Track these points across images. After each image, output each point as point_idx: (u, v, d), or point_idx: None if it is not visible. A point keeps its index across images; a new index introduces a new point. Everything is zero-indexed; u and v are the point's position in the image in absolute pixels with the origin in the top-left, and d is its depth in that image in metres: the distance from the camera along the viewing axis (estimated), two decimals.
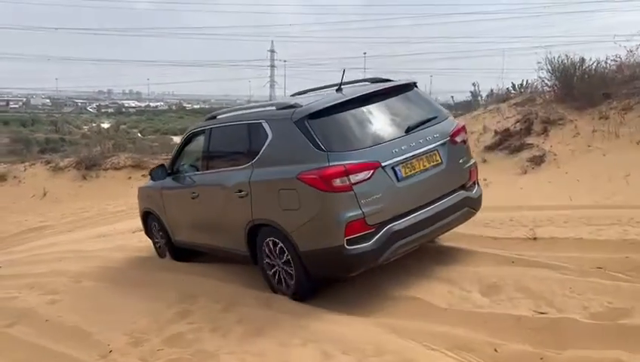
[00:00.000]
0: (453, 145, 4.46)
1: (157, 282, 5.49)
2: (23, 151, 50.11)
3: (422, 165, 4.22)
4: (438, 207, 4.29)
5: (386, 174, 4.01)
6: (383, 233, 3.97)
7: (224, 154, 5.16)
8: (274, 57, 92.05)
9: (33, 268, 8.30)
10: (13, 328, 5.05)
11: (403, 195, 4.09)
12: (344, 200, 3.85)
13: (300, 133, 4.09)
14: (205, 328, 4.08)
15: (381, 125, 4.30)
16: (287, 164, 4.15)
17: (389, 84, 4.70)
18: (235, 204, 4.63)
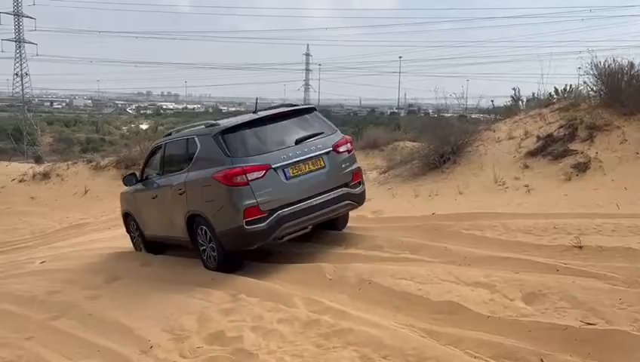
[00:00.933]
0: (337, 154, 5.80)
1: (198, 279, 5.54)
2: (65, 150, 51.82)
3: (307, 168, 5.56)
4: (320, 199, 5.56)
5: (276, 174, 5.35)
6: (274, 217, 5.30)
7: (173, 162, 6.53)
8: (309, 60, 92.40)
9: (75, 263, 8.54)
10: (59, 321, 5.20)
11: (290, 190, 5.40)
12: (243, 192, 5.21)
13: (215, 144, 5.53)
14: (245, 326, 4.09)
15: (277, 138, 5.65)
16: (207, 168, 5.55)
17: (290, 108, 6.14)
18: (177, 200, 6.05)
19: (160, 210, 6.69)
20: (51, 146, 61.89)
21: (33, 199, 19.59)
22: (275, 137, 5.68)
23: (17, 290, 6.92)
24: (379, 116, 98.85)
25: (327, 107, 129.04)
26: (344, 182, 5.84)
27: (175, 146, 6.57)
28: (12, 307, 6.05)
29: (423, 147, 9.01)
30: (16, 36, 69.00)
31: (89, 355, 4.25)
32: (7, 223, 17.81)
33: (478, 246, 5.16)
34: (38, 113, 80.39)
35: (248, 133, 5.64)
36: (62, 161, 24.43)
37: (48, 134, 69.76)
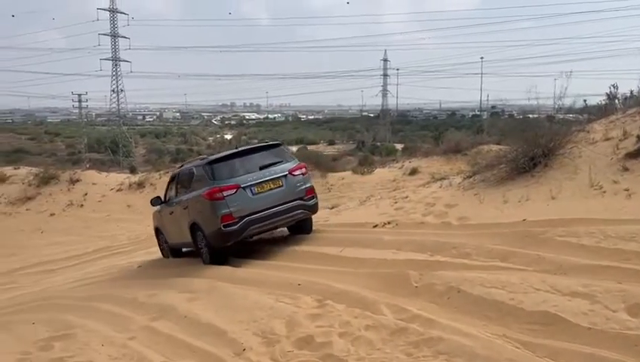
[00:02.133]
0: (292, 176, 7.79)
1: (288, 284, 5.69)
2: (157, 160, 54.95)
3: (269, 186, 7.56)
4: (279, 209, 7.54)
5: (244, 191, 7.38)
6: (243, 222, 7.34)
7: (182, 186, 8.58)
8: (387, 66, 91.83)
9: (171, 267, 9.04)
10: (157, 322, 5.53)
11: (255, 202, 7.41)
12: (220, 204, 7.28)
13: (204, 172, 7.73)
14: (333, 332, 4.15)
15: (247, 166, 7.68)
16: (200, 188, 7.67)
17: (262, 145, 8.61)
18: (184, 213, 8.20)
19: (175, 223, 8.72)
20: (144, 157, 65.91)
21: (129, 207, 20.98)
22: (245, 165, 7.74)
23: (119, 293, 7.44)
24: (460, 119, 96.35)
25: (405, 112, 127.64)
26: (299, 197, 7.83)
27: (184, 175, 8.69)
28: (115, 308, 6.51)
29: (511, 150, 8.65)
30: (113, 55, 74.33)
31: (186, 356, 4.49)
32: (107, 230, 19.19)
33: (575, 254, 4.88)
34: (132, 126, 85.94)
35: (227, 163, 7.81)
36: (154, 171, 25.98)
37: (141, 146, 74.41)
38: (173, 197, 8.93)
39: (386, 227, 7.54)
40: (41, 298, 9.49)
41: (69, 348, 5.19)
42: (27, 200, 22.50)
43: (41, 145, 75.40)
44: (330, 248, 7.03)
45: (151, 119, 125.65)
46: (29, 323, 6.86)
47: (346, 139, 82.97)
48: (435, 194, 8.78)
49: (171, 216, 8.86)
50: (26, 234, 19.96)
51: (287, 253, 7.59)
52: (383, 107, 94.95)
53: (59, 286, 10.78)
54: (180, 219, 8.33)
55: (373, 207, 9.72)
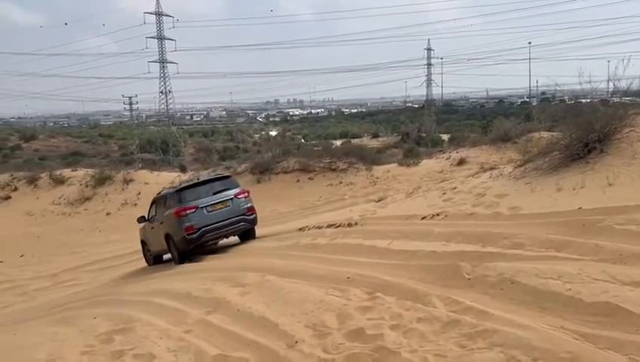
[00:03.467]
0: (237, 198, 10.55)
1: (337, 277, 5.71)
2: (205, 159, 56.16)
3: (219, 206, 10.33)
4: (226, 223, 10.32)
5: (201, 210, 10.12)
6: (200, 232, 10.07)
7: (159, 207, 11.36)
8: (430, 55, 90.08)
9: (221, 262, 9.26)
10: (212, 315, 5.68)
11: (209, 218, 10.15)
12: (184, 219, 10.05)
13: (174, 196, 10.63)
14: (384, 325, 4.14)
15: (204, 192, 10.50)
16: (171, 208, 10.41)
17: (216, 176, 11.77)
18: (160, 227, 10.99)
19: (156, 235, 11.42)
20: (193, 156, 67.46)
21: None
22: (203, 192, 10.62)
23: (173, 287, 7.67)
24: (508, 107, 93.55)
25: (451, 101, 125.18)
26: (242, 213, 10.62)
27: (161, 198, 11.52)
28: (172, 302, 6.72)
29: (563, 136, 8.33)
30: (160, 57, 76.33)
31: (240, 348, 4.59)
32: None
33: (636, 243, 4.67)
34: (180, 126, 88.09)
35: (190, 190, 10.76)
36: (203, 169, 26.60)
37: (190, 145, 76.18)
38: (153, 216, 11.72)
39: (435, 219, 7.44)
40: (102, 293, 9.93)
41: (129, 341, 5.40)
42: (85, 201, 23.52)
43: (95, 147, 78.48)
44: (378, 241, 7.00)
45: (198, 118, 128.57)
46: (90, 317, 7.19)
47: (390, 132, 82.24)
48: (485, 185, 8.59)
49: (152, 230, 11.69)
50: (85, 233, 20.89)
51: (334, 246, 7.63)
52: (428, 97, 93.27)
53: (118, 281, 11.24)
54: (159, 231, 11.18)
55: (420, 199, 9.61)
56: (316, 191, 19.51)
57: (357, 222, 8.78)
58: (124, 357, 4.93)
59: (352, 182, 19.56)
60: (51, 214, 23.26)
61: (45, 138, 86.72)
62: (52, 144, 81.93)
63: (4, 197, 26.20)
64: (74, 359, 5.26)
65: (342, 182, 19.82)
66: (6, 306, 13.98)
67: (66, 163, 41.34)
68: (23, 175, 27.88)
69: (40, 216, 23.41)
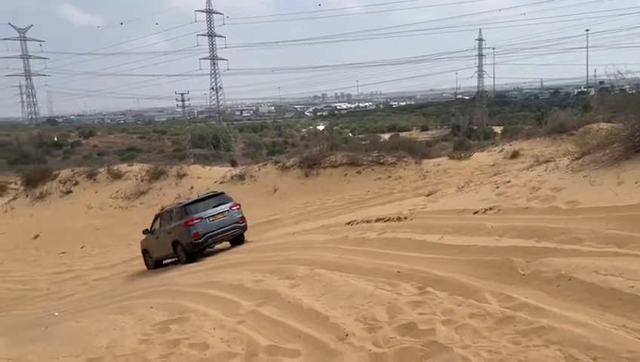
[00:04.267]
0: (231, 210, 13.25)
1: (386, 271, 5.69)
2: (255, 153, 57.02)
3: (219, 217, 13.02)
4: (224, 229, 13.04)
5: (205, 220, 12.82)
6: (204, 237, 12.80)
7: (164, 221, 13.99)
8: (482, 46, 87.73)
9: (272, 255, 9.39)
10: (263, 307, 5.78)
11: (211, 226, 12.85)
12: (191, 228, 12.70)
13: (181, 211, 13.35)
14: (436, 320, 4.09)
15: (206, 206, 13.18)
16: (179, 220, 13.11)
17: (213, 193, 14.40)
18: (168, 236, 13.49)
19: (161, 243, 13.96)
20: (243, 151, 68.64)
21: None
22: (205, 205, 13.23)
23: (226, 279, 7.85)
24: (564, 97, 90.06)
25: (503, 92, 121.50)
26: (236, 222, 13.31)
27: (166, 214, 14.41)
28: (224, 294, 6.88)
29: (625, 127, 7.95)
30: (211, 54, 78.05)
31: (292, 340, 4.65)
32: None
33: None
34: (231, 122, 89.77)
35: (194, 205, 13.39)
36: (253, 164, 27.04)
37: (240, 140, 77.53)
38: (157, 229, 14.32)
39: (488, 213, 7.27)
40: (157, 284, 10.29)
41: (185, 331, 5.58)
42: (141, 195, 24.41)
43: (150, 143, 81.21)
44: (428, 235, 6.92)
45: (248, 114, 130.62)
46: (147, 307, 7.47)
47: (439, 124, 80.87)
48: (540, 178, 8.31)
49: (157, 240, 14.16)
50: (140, 227, 21.65)
51: (383, 240, 7.59)
52: (479, 89, 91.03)
53: (171, 273, 11.63)
54: (165, 240, 13.70)
55: (472, 193, 9.42)
56: (364, 186, 19.46)
57: (406, 217, 8.71)
58: (180, 346, 5.09)
59: (401, 176, 19.39)
60: (109, 207, 24.29)
61: (103, 134, 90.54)
62: (109, 140, 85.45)
63: (66, 191, 27.59)
64: (133, 347, 5.48)
65: (390, 176, 19.68)
66: (69, 295, 14.73)
67: (123, 158, 43.02)
68: (83, 170, 29.26)
69: (99, 209, 24.49)
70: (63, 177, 29.01)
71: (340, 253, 7.60)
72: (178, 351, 4.99)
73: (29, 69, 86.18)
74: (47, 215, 25.62)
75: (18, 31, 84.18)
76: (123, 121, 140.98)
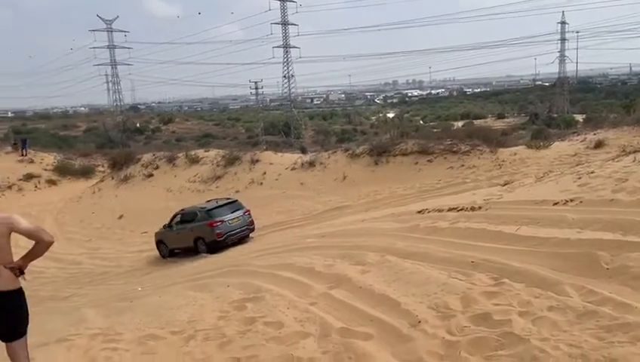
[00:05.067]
0: (245, 214, 16.67)
1: (460, 261, 5.62)
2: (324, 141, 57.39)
3: (235, 221, 16.25)
4: (239, 230, 16.31)
5: (225, 222, 15.98)
6: (225, 236, 15.91)
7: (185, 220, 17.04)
8: (564, 29, 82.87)
9: (342, 241, 9.50)
10: (334, 290, 5.89)
11: (230, 227, 16.05)
12: (215, 228, 15.87)
13: (206, 214, 16.37)
14: (512, 311, 4.01)
15: (226, 210, 16.48)
16: (203, 221, 16.28)
17: (230, 200, 17.57)
18: (190, 233, 16.64)
19: (181, 237, 16.92)
20: (312, 138, 69.30)
21: (302, 184, 22.39)
22: (225, 210, 16.27)
23: (298, 262, 8.04)
24: None
25: (587, 79, 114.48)
26: (247, 224, 16.48)
27: (187, 214, 17.07)
28: (296, 276, 7.06)
29: None
30: (284, 43, 79.06)
31: (363, 323, 4.72)
32: (283, 206, 20.75)
33: None
34: (301, 109, 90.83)
35: (216, 209, 16.36)
36: (323, 151, 27.28)
37: (310, 128, 78.32)
38: (175, 225, 17.23)
39: (569, 205, 6.96)
40: (232, 264, 10.72)
41: (260, 310, 5.80)
42: (216, 179, 25.35)
43: (224, 130, 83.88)
44: (504, 226, 6.73)
45: (318, 102, 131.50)
46: (224, 285, 7.81)
47: (516, 112, 77.64)
48: (628, 169, 7.83)
49: (177, 234, 17.03)
50: None
51: (456, 230, 7.47)
52: (560, 75, 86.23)
53: (246, 254, 12.05)
54: (187, 235, 16.63)
55: (552, 184, 9.03)
56: (436, 174, 19.13)
57: (481, 206, 8.50)
58: (256, 324, 5.31)
59: (475, 165, 18.87)
60: (187, 191, 25.43)
61: (181, 121, 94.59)
62: (187, 127, 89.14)
63: (148, 175, 29.15)
64: (212, 322, 5.77)
65: (463, 165, 19.21)
66: (149, 273, 15.64)
67: (199, 144, 44.73)
68: (163, 154, 30.76)
69: (178, 192, 25.70)
70: (145, 161, 30.68)
71: (410, 241, 7.56)
72: (254, 328, 5.20)
73: (114, 58, 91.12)
74: (131, 196, 27.26)
75: (105, 22, 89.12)
76: (199, 108, 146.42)
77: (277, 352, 4.49)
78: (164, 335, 5.66)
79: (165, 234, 17.62)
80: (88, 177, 36.67)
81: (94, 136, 79.84)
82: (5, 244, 3.95)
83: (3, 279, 3.94)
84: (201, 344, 5.16)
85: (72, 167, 38.20)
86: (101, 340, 6.11)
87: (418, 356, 3.80)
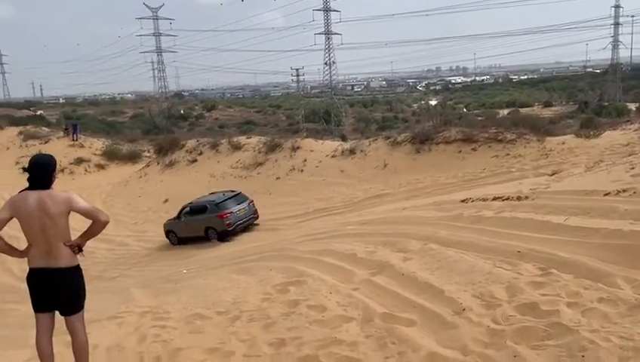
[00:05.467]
0: (249, 205, 18.49)
1: (505, 251, 5.53)
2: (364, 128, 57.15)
3: (242, 211, 18.03)
4: (246, 219, 18.13)
5: (233, 213, 17.71)
6: (234, 225, 17.66)
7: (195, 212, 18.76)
8: (619, 13, 79.16)
9: (383, 228, 9.49)
10: (377, 277, 5.92)
11: (238, 217, 17.81)
12: (224, 219, 17.52)
13: (216, 207, 18.00)
14: (560, 301, 3.94)
15: (233, 202, 18.18)
16: (213, 213, 17.87)
17: (235, 192, 19.11)
18: (201, 223, 18.21)
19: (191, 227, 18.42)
20: (352, 126, 69.07)
21: (343, 172, 22.38)
22: (232, 202, 18.04)
23: (339, 249, 8.09)
24: None
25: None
26: (252, 214, 18.31)
27: (196, 206, 18.72)
28: (338, 262, 7.12)
29: None
30: (326, 29, 78.81)
31: (406, 310, 4.74)
32: (324, 193, 20.83)
33: None
34: (342, 97, 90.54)
35: (224, 202, 17.98)
36: (363, 138, 27.16)
37: (350, 115, 78.04)
38: (184, 216, 18.82)
39: (621, 195, 6.72)
40: (274, 249, 10.89)
41: (303, 293, 5.90)
42: (258, 166, 25.64)
43: (266, 117, 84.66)
44: (552, 216, 6.57)
45: (359, 89, 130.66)
46: (266, 269, 7.96)
47: (565, 100, 75.04)
48: None
49: (187, 225, 18.57)
50: (258, 196, 22.81)
51: (501, 219, 7.34)
52: (613, 61, 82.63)
53: (287, 240, 12.21)
54: (197, 225, 18.18)
55: (603, 174, 8.74)
56: (479, 163, 18.75)
57: (527, 196, 8.31)
58: (299, 307, 5.41)
59: (521, 155, 18.39)
60: (230, 177, 25.83)
61: (224, 108, 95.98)
62: (229, 113, 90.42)
63: (192, 160, 29.76)
64: (256, 303, 5.91)
65: (509, 154, 18.74)
66: (195, 255, 16.07)
67: (241, 131, 45.40)
68: (207, 141, 31.32)
69: (220, 178, 26.15)
70: (189, 147, 31.32)
71: (453, 229, 7.48)
72: (298, 310, 5.30)
73: (159, 45, 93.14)
74: (175, 181, 27.92)
75: (151, 10, 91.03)
76: (241, 95, 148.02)
77: (320, 335, 4.57)
78: (210, 316, 5.84)
79: (175, 225, 19.33)
80: (135, 162, 37.75)
81: (140, 122, 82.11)
82: (65, 223, 4.15)
83: (63, 256, 4.15)
84: (246, 324, 5.30)
85: (119, 152, 39.39)
86: (150, 318, 6.36)
87: (462, 343, 3.79)
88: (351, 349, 4.19)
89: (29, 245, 4.18)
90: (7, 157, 38.62)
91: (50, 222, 4.06)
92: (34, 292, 4.24)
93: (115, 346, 5.46)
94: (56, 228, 4.09)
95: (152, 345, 5.30)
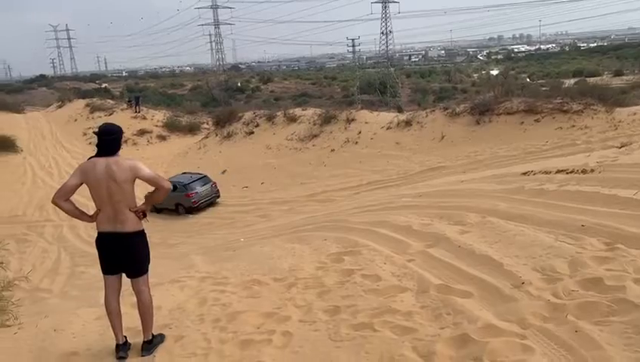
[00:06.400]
0: (212, 187, 22.69)
1: (568, 224, 5.34)
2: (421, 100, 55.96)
3: (206, 191, 22.25)
4: (209, 196, 22.36)
5: (199, 193, 21.93)
6: (199, 202, 21.92)
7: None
8: None
9: (439, 201, 9.35)
10: (432, 249, 5.86)
11: (202, 195, 22.09)
12: (191, 197, 21.57)
13: (183, 187, 21.21)
14: (627, 277, 3.78)
15: (200, 183, 22.27)
16: (183, 192, 21.20)
17: (201, 175, 23.11)
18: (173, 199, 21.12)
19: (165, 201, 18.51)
20: (409, 97, 67.77)
21: (398, 144, 22.14)
22: (198, 183, 22.06)
23: (394, 220, 8.05)
24: None
25: None
26: (214, 193, 22.56)
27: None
28: (393, 233, 7.10)
29: None
30: None
31: (463, 282, 4.68)
32: (378, 165, 20.72)
33: None
34: (399, 67, 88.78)
35: (191, 183, 21.79)
36: (419, 110, 26.62)
37: (407, 86, 76.52)
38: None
39: None
40: (328, 220, 10.98)
41: (357, 263, 5.94)
42: (313, 138, 25.77)
43: (320, 88, 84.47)
44: (620, 190, 6.25)
45: (416, 59, 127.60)
46: (321, 239, 8.05)
47: (638, 68, 70.35)
48: None
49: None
50: (313, 167, 23.03)
51: (565, 192, 7.05)
52: None
53: (342, 211, 12.28)
54: (170, 200, 20.74)
55: None
56: (543, 135, 18.02)
57: (593, 169, 7.93)
58: (354, 276, 5.46)
59: (587, 126, 17.51)
60: (285, 148, 26.14)
61: (279, 80, 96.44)
62: (285, 86, 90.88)
63: (249, 132, 30.28)
64: (311, 272, 6.02)
65: (574, 126, 17.89)
66: (251, 224, 16.49)
67: (296, 103, 45.52)
68: (263, 113, 31.70)
69: (276, 149, 26.51)
70: (246, 119, 31.84)
71: (514, 203, 7.27)
72: (352, 279, 5.36)
73: (217, 18, 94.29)
74: (233, 153, 28.57)
75: None
76: (297, 67, 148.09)
77: (375, 303, 4.61)
78: (267, 282, 6.00)
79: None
80: (194, 134, 38.80)
81: (199, 94, 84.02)
82: (130, 189, 4.34)
83: (129, 221, 4.36)
84: (302, 291, 5.41)
85: (179, 124, 40.55)
86: (210, 283, 6.61)
87: (521, 316, 3.72)
88: (406, 319, 4.20)
89: (97, 210, 4.41)
90: (75, 128, 40.71)
91: (116, 188, 4.26)
92: (102, 255, 4.49)
93: (177, 308, 5.72)
94: (123, 194, 4.29)
95: (212, 308, 5.51)
